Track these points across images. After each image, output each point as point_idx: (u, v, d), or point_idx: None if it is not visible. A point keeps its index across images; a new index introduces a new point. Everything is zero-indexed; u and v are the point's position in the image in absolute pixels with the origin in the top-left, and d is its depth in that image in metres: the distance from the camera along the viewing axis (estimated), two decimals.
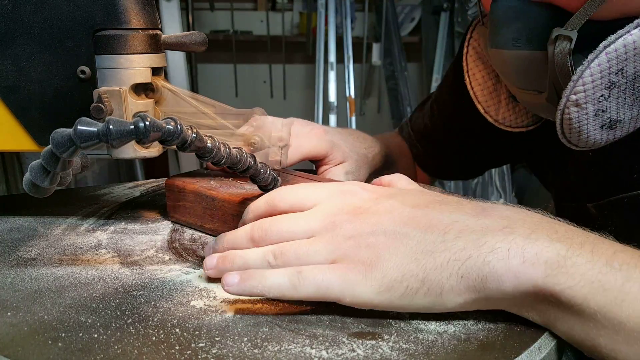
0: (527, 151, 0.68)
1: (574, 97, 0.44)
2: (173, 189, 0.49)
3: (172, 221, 0.50)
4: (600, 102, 0.44)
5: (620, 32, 0.41)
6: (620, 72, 0.42)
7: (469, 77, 0.60)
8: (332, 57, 2.34)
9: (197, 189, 0.47)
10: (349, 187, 0.39)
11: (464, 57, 0.61)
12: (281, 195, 0.39)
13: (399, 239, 0.33)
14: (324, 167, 0.58)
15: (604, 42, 0.42)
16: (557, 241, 0.31)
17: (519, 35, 0.47)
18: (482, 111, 0.60)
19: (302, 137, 0.56)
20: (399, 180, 0.43)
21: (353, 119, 2.38)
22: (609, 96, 0.43)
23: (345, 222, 0.35)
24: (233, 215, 0.44)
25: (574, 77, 0.43)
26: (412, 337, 0.31)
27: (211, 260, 0.37)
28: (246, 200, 0.43)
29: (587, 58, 0.42)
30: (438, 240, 0.33)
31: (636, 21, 0.40)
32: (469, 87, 0.60)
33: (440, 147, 0.77)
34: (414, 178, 0.78)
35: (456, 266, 0.32)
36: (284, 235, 0.36)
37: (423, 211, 0.35)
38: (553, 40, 0.44)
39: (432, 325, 0.32)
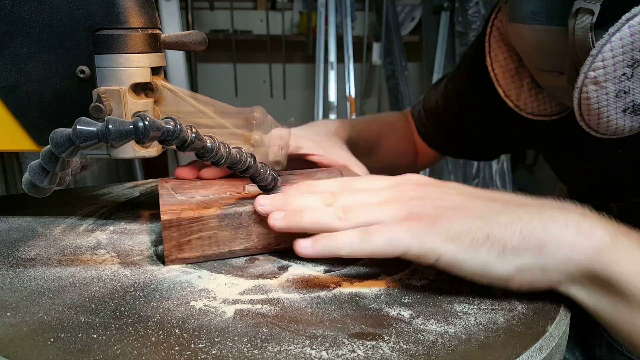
0: (546, 139, 0.65)
1: (592, 74, 0.41)
2: (180, 223, 0.40)
3: (175, 264, 0.41)
4: (622, 81, 0.41)
5: None
6: None
7: (490, 58, 0.58)
8: (332, 57, 2.34)
9: (223, 212, 0.41)
10: (410, 175, 0.42)
11: (487, 38, 0.58)
12: (354, 179, 0.42)
13: (464, 205, 0.36)
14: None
15: (627, 14, 0.39)
16: (606, 222, 0.33)
17: (539, 9, 0.45)
18: (502, 95, 0.58)
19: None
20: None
21: (353, 118, 2.38)
22: (632, 75, 0.41)
23: (411, 190, 0.39)
24: None
25: (593, 52, 0.41)
26: (412, 338, 0.31)
27: (278, 214, 0.38)
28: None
29: (608, 32, 0.40)
30: (502, 207, 0.35)
31: None
32: (489, 68, 0.58)
33: (452, 125, 0.75)
34: (411, 156, 0.80)
35: (519, 227, 0.33)
36: (354, 204, 0.39)
37: (484, 190, 0.39)
38: (574, 13, 0.42)
39: (433, 326, 0.32)
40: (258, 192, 0.44)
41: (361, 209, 0.37)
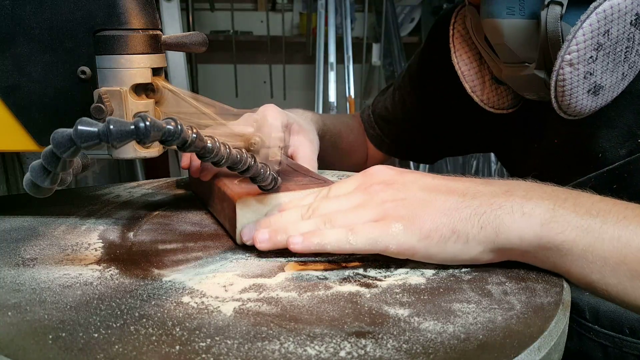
0: (493, 141, 0.73)
1: (568, 57, 0.47)
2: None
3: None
4: (589, 63, 0.47)
5: None
6: (606, 34, 0.46)
7: (456, 57, 0.63)
8: (332, 58, 2.34)
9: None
10: (373, 170, 0.45)
11: (451, 39, 0.63)
12: (326, 189, 0.45)
13: (428, 201, 0.40)
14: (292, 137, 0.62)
15: (594, 3, 0.46)
16: (546, 199, 0.38)
17: (513, 4, 0.51)
18: (469, 90, 0.63)
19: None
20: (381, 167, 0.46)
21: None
22: (596, 58, 0.47)
23: (381, 191, 0.42)
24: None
25: (569, 37, 0.46)
26: (411, 337, 0.31)
27: (263, 234, 0.41)
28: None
29: (579, 19, 0.46)
30: (459, 200, 0.39)
31: None
32: (456, 67, 0.63)
33: (398, 129, 0.84)
34: (363, 155, 0.87)
35: (476, 219, 0.38)
36: (332, 211, 0.42)
37: (441, 181, 0.42)
38: (545, 5, 0.48)
39: (431, 325, 0.32)
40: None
41: (339, 215, 0.41)
